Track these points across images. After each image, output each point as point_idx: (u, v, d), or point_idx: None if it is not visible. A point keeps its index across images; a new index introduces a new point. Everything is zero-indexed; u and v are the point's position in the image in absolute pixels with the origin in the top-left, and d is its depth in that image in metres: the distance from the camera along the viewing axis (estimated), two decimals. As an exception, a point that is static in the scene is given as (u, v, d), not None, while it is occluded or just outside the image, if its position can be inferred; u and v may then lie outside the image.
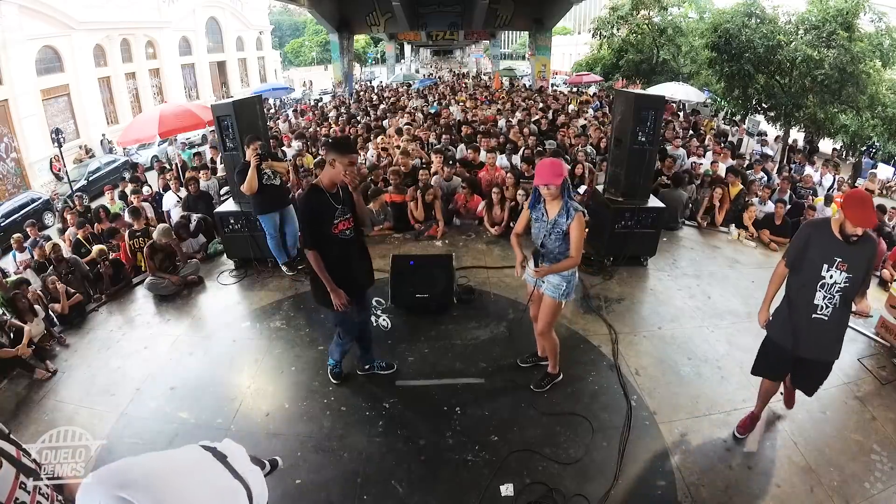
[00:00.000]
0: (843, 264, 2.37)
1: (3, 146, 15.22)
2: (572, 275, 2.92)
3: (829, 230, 2.39)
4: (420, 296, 4.19)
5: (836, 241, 2.37)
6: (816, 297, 2.46)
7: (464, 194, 5.99)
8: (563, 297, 2.95)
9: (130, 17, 21.46)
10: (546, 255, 2.90)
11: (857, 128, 11.98)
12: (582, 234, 2.73)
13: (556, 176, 2.69)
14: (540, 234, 2.87)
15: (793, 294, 2.59)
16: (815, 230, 2.50)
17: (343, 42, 18.86)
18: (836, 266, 2.39)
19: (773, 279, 2.71)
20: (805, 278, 2.50)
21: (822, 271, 2.42)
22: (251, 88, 28.17)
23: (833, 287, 2.43)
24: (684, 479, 2.68)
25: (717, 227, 6.06)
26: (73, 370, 3.79)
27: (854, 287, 2.41)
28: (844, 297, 2.43)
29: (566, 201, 2.75)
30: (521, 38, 51.94)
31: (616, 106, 5.10)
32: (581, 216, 2.73)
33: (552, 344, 3.21)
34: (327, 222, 2.77)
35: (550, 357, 3.29)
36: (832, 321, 2.47)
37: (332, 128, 10.59)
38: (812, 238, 2.48)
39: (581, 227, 2.72)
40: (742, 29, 12.12)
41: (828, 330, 2.51)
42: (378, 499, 2.61)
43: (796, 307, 2.57)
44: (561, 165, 2.74)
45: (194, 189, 6.49)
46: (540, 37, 19.52)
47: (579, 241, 2.74)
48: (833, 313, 2.47)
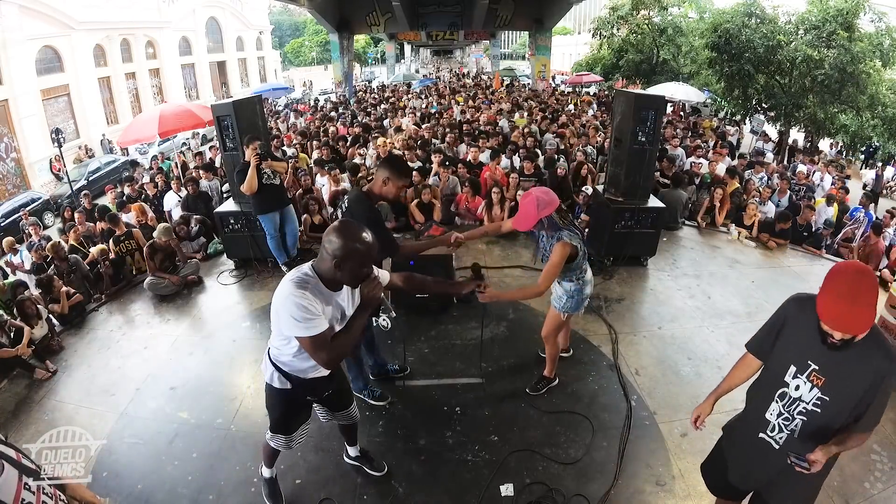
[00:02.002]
0: (817, 376, 1.58)
1: (3, 146, 15.22)
2: (577, 290, 2.87)
3: (816, 318, 1.52)
4: (420, 296, 4.19)
5: (818, 337, 1.55)
6: (770, 408, 1.72)
7: (465, 195, 5.99)
8: (563, 310, 2.95)
9: (130, 17, 21.47)
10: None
11: (857, 128, 12.00)
12: (555, 263, 2.60)
13: (526, 220, 2.59)
14: (541, 251, 2.86)
15: (748, 394, 1.90)
16: (798, 311, 1.67)
17: (343, 42, 18.84)
18: (807, 375, 1.61)
19: (734, 368, 1.95)
20: (764, 377, 1.80)
21: (785, 375, 1.66)
22: (251, 88, 28.19)
23: (795, 405, 1.65)
24: (684, 479, 2.68)
25: (717, 227, 6.06)
26: (73, 370, 3.79)
27: (833, 418, 1.60)
28: (813, 428, 1.63)
29: (553, 232, 2.65)
30: (521, 38, 51.96)
31: (616, 106, 5.10)
32: (562, 245, 2.58)
33: (552, 349, 3.22)
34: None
35: (548, 361, 3.30)
36: (783, 453, 1.66)
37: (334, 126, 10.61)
38: (789, 322, 1.69)
39: (558, 256, 2.58)
40: (742, 29, 12.14)
41: (777, 465, 1.71)
42: (378, 499, 2.61)
43: (745, 415, 1.91)
44: (532, 205, 2.55)
45: (194, 189, 6.49)
46: (540, 37, 19.49)
47: (549, 270, 2.60)
48: (788, 443, 1.69)
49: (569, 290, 2.89)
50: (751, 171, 7.54)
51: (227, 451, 2.93)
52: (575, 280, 2.86)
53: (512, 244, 5.52)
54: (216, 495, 2.65)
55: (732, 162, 7.93)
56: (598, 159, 7.39)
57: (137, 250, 5.31)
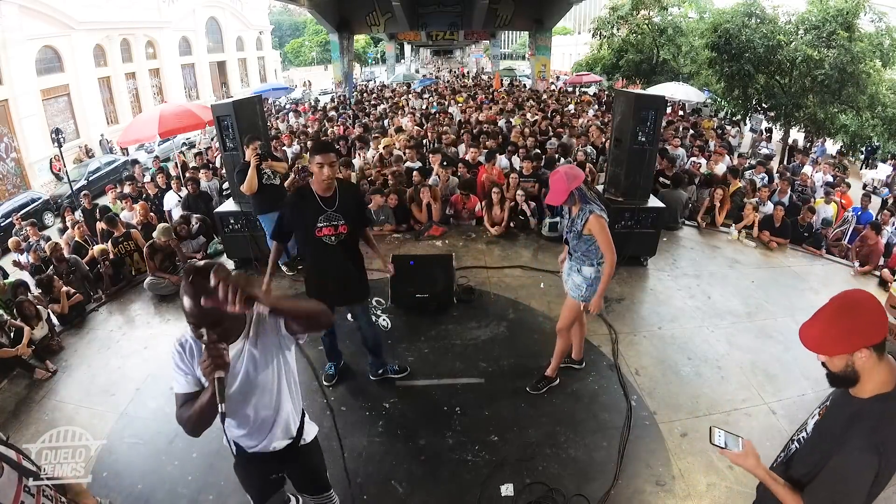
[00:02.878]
0: (823, 409, 1.49)
1: (3, 146, 15.23)
2: (596, 278, 2.84)
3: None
4: (420, 296, 4.19)
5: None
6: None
7: (460, 196, 5.98)
8: (583, 299, 2.90)
9: (130, 17, 21.48)
10: (572, 252, 2.91)
11: (857, 128, 11.98)
12: (604, 232, 2.67)
13: (558, 195, 2.67)
14: (565, 229, 2.93)
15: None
16: None
17: (343, 42, 18.83)
18: (822, 405, 1.51)
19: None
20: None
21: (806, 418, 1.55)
22: (251, 88, 28.18)
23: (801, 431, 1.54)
24: (684, 479, 2.68)
25: (717, 227, 6.06)
26: (73, 370, 3.79)
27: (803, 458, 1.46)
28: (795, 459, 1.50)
29: (584, 204, 2.73)
30: (521, 38, 51.92)
31: (616, 106, 5.11)
32: (597, 217, 2.66)
33: (563, 344, 3.18)
34: (310, 223, 2.75)
35: (555, 357, 3.27)
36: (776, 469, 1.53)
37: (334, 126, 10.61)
38: None
39: (600, 227, 2.67)
40: (742, 29, 12.12)
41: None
42: (378, 499, 2.62)
43: None
44: (561, 181, 2.66)
45: (194, 189, 6.49)
46: (540, 37, 19.48)
47: (605, 241, 2.68)
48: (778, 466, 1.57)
49: (588, 278, 2.86)
50: (751, 171, 7.54)
51: (227, 451, 2.91)
52: (595, 265, 2.82)
53: (512, 244, 5.52)
54: (216, 495, 2.65)
55: (732, 162, 7.93)
56: (598, 159, 7.38)
57: (136, 251, 5.31)
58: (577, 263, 2.89)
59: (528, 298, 4.43)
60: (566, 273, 3.02)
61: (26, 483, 1.62)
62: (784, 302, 4.46)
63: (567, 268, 3.00)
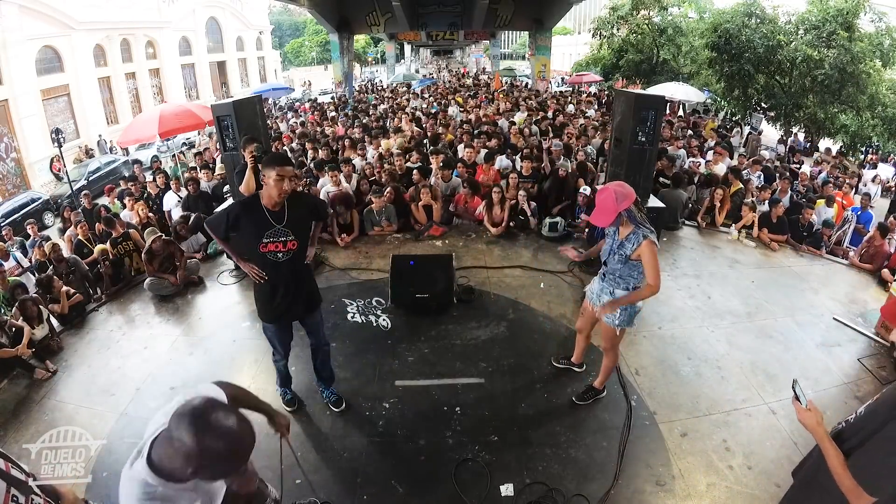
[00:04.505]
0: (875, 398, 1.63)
1: (3, 146, 15.22)
2: (631, 304, 2.69)
3: None
4: (420, 296, 4.19)
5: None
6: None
7: (464, 194, 5.99)
8: (619, 325, 2.77)
9: (130, 17, 21.47)
10: (607, 273, 2.75)
11: (857, 128, 11.99)
12: (654, 260, 2.49)
13: (605, 216, 2.50)
14: (607, 250, 2.73)
15: None
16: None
17: (343, 42, 18.82)
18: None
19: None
20: None
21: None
22: (251, 88, 28.16)
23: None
24: (684, 479, 2.68)
25: (717, 227, 6.06)
26: (73, 370, 3.79)
27: (854, 435, 1.58)
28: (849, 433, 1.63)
29: (636, 227, 2.53)
30: (521, 38, 51.93)
31: (616, 106, 5.10)
32: (650, 244, 2.48)
33: (610, 361, 3.05)
34: (254, 238, 2.59)
35: (602, 372, 3.15)
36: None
37: (332, 127, 10.59)
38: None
39: (651, 254, 2.48)
40: (742, 29, 12.14)
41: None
42: (378, 499, 2.61)
43: None
44: (610, 199, 2.47)
45: (194, 189, 6.49)
46: (540, 37, 19.47)
47: (654, 269, 2.49)
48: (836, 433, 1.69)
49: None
50: (746, 171, 7.54)
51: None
52: (632, 289, 2.66)
53: (512, 244, 5.52)
54: (216, 495, 2.64)
55: (732, 161, 7.93)
56: (598, 159, 7.38)
57: (136, 251, 5.31)
58: (610, 286, 2.73)
59: (528, 298, 4.43)
60: (596, 292, 2.87)
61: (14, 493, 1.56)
62: (784, 302, 4.46)
63: (598, 288, 2.85)
